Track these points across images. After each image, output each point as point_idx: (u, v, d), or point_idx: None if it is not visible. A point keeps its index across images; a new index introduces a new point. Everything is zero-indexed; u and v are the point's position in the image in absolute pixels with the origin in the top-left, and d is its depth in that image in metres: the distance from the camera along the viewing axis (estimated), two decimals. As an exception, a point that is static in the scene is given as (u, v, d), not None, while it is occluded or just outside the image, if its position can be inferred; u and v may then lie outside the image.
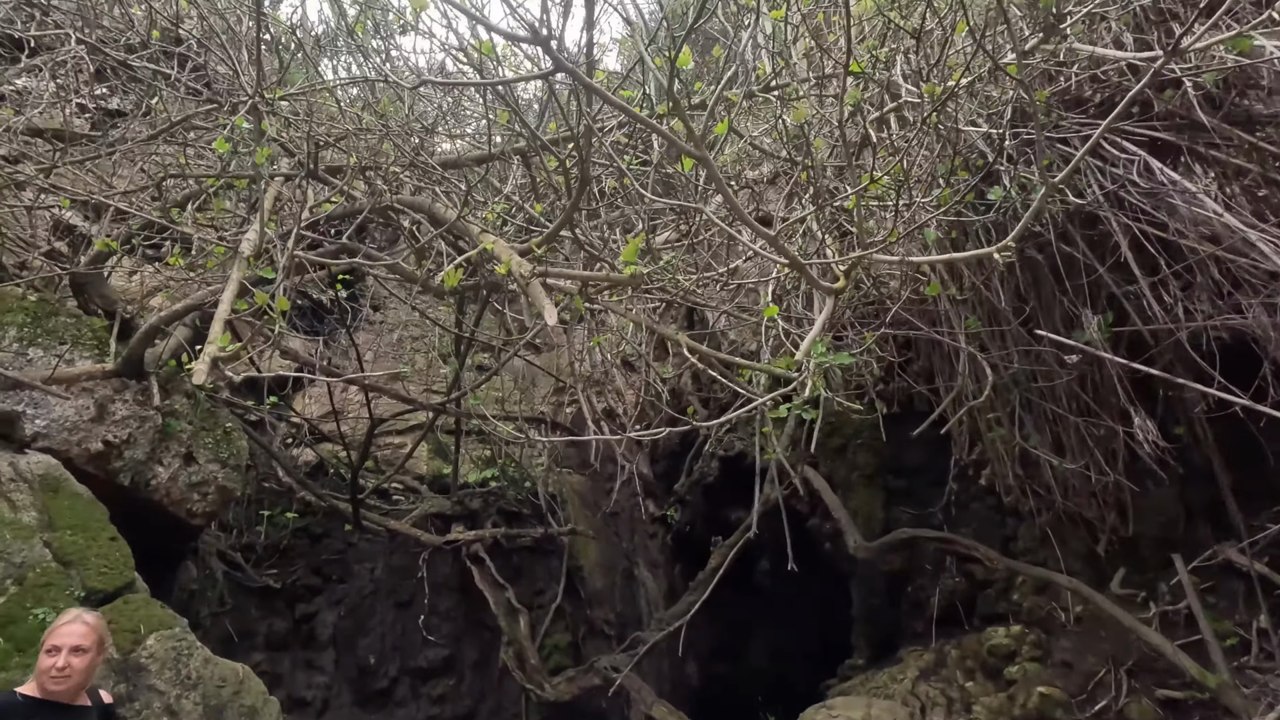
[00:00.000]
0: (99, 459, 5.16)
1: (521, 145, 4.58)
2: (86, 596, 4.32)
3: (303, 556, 7.81)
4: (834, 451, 6.00)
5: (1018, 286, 4.34)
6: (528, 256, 2.72)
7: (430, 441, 8.87)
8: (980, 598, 5.28)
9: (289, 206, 3.81)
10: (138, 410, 5.41)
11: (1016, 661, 4.70)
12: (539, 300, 2.42)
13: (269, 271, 2.87)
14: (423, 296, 9.56)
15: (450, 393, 6.01)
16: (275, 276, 2.88)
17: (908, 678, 4.93)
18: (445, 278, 2.75)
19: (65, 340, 5.06)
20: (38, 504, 4.55)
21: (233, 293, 2.85)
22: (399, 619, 7.88)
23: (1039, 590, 4.92)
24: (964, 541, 5.06)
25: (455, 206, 3.44)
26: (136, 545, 4.97)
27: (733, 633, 8.60)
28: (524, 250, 2.81)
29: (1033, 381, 4.54)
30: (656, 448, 9.47)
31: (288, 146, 3.36)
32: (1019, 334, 4.36)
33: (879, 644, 5.93)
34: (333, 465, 8.19)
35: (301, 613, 7.60)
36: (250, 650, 7.20)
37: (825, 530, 6.29)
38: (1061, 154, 3.60)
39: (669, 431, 2.91)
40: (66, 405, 4.96)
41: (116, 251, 4.59)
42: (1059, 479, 4.60)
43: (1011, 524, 5.24)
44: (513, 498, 8.46)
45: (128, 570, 4.68)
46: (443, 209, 3.64)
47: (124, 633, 4.34)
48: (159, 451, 5.63)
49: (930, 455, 5.84)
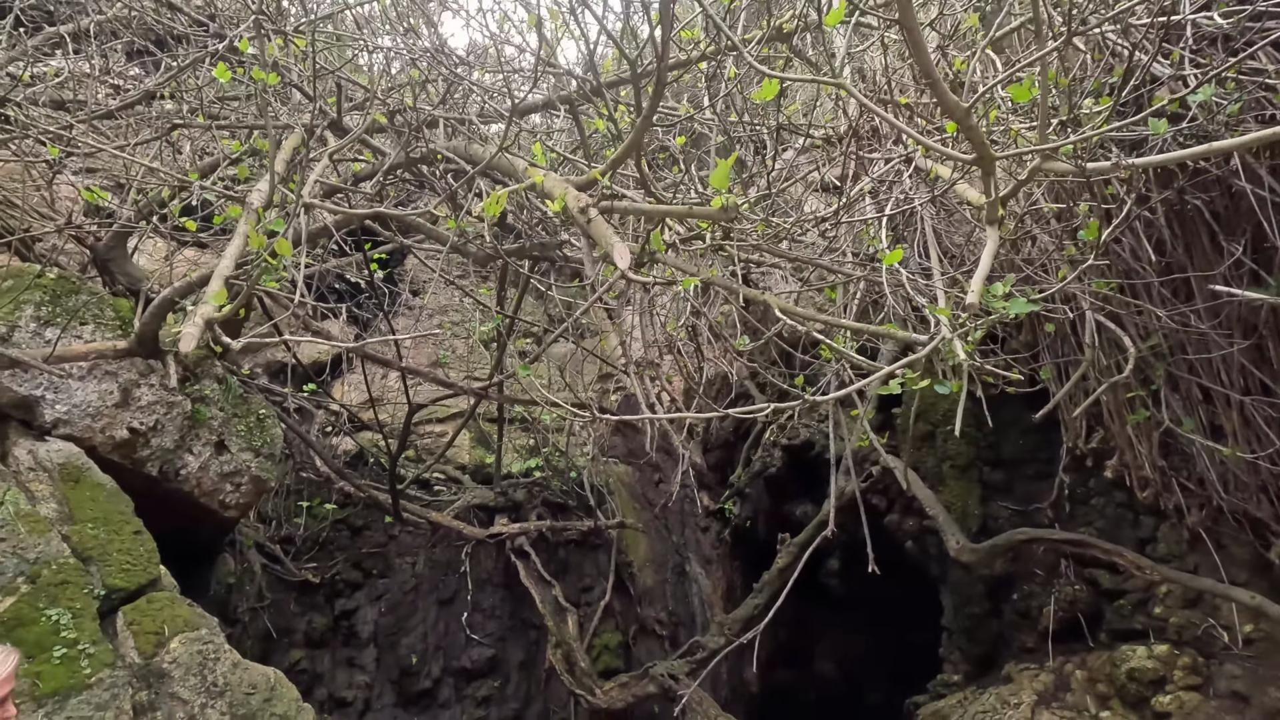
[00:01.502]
0: (124, 447, 4.84)
1: (568, 93, 4.04)
2: (107, 595, 3.99)
3: (343, 550, 7.52)
4: (919, 439, 5.33)
5: (1161, 241, 3.63)
6: (588, 190, 2.21)
7: (472, 430, 8.49)
8: (1109, 610, 4.55)
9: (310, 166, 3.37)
10: (165, 396, 5.09)
11: (1167, 690, 3.96)
12: (604, 237, 1.90)
13: (280, 223, 2.42)
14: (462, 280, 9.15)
15: (492, 376, 5.56)
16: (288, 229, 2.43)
17: (1024, 702, 4.24)
18: (485, 206, 2.25)
19: (86, 320, 4.75)
20: (57, 495, 4.23)
21: (238, 247, 2.41)
22: (441, 616, 7.53)
23: (1189, 604, 4.17)
24: (1101, 545, 4.35)
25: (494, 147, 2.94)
26: (167, 539, 4.66)
27: (796, 637, 8.01)
28: (582, 184, 2.29)
29: (1183, 354, 3.83)
30: (709, 437, 8.91)
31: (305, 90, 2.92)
32: (1160, 300, 3.65)
33: (977, 659, 5.25)
34: (373, 454, 7.87)
35: (341, 609, 7.30)
36: (289, 647, 6.93)
37: (907, 528, 5.64)
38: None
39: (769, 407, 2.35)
40: (89, 389, 4.65)
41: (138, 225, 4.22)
42: (1217, 470, 3.85)
43: (1148, 524, 4.49)
44: (558, 489, 8.03)
45: (152, 566, 4.34)
46: (480, 149, 3.14)
47: (146, 635, 4.00)
48: (188, 439, 5.31)
49: (1034, 444, 5.13)
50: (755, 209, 2.60)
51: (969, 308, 1.89)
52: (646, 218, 2.43)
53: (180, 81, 3.98)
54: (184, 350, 2.05)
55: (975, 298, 1.88)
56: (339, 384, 8.68)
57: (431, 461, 7.00)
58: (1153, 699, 3.95)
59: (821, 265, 3.21)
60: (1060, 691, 4.30)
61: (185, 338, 2.03)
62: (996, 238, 2.09)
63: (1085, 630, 4.59)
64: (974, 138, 1.89)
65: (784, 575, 5.64)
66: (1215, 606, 4.09)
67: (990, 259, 2.01)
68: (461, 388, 5.46)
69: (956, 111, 1.86)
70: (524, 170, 2.51)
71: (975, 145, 1.91)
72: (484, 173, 2.90)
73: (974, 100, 1.90)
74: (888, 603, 7.16)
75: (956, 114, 1.87)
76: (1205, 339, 3.65)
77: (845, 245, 3.56)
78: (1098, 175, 2.15)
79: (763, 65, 3.22)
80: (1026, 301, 2.07)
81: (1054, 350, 4.45)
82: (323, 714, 6.77)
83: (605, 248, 1.91)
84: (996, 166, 1.97)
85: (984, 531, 5.08)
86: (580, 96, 3.80)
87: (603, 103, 3.40)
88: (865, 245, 3.31)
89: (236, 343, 2.33)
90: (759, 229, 2.70)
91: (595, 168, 2.38)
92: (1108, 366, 3.91)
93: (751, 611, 5.89)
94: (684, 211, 2.34)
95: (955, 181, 2.56)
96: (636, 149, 2.22)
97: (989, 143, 1.95)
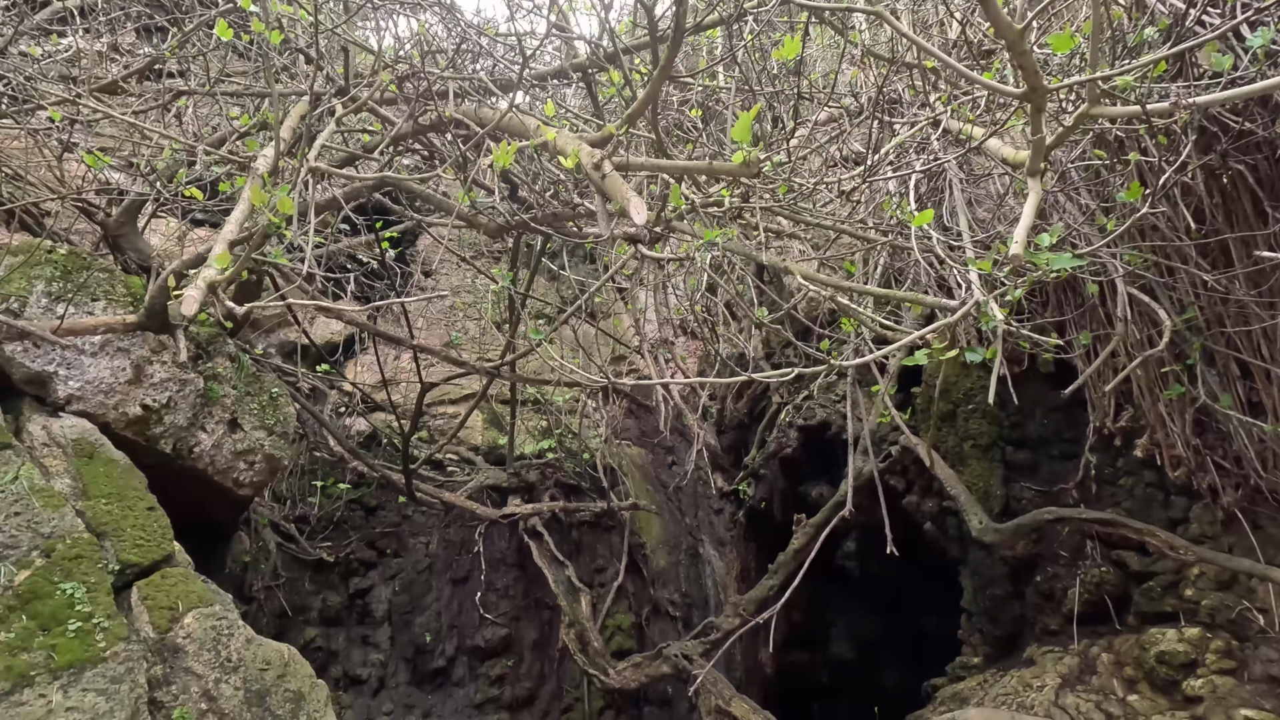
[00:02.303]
0: (137, 424, 4.84)
1: (581, 61, 3.92)
2: (121, 570, 3.99)
3: (357, 529, 7.54)
4: (940, 418, 5.21)
5: (1200, 209, 3.47)
6: (603, 146, 2.11)
7: (485, 411, 8.46)
8: (1138, 592, 4.42)
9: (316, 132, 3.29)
10: (177, 373, 5.08)
11: (1199, 673, 3.85)
12: (619, 192, 1.80)
13: (285, 189, 2.35)
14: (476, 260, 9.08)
15: (504, 356, 5.49)
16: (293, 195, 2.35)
17: (1048, 685, 4.15)
18: (496, 157, 2.16)
19: (98, 296, 4.72)
20: (71, 471, 4.23)
21: (242, 212, 2.34)
22: (455, 595, 7.55)
23: (1223, 586, 4.04)
24: (1133, 524, 4.22)
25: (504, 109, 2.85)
26: (181, 516, 4.65)
27: (812, 618, 7.95)
28: (597, 140, 2.19)
29: (1220, 327, 3.67)
30: (723, 418, 8.82)
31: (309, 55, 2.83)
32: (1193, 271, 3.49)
33: (998, 641, 5.15)
34: (386, 435, 7.86)
35: (356, 587, 7.34)
36: (304, 625, 6.97)
37: (926, 509, 5.53)
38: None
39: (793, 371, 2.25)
40: (101, 366, 4.64)
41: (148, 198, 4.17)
42: (1255, 448, 3.71)
43: (1180, 504, 4.35)
44: (571, 470, 7.99)
45: (166, 542, 4.33)
46: (490, 112, 3.04)
47: (161, 610, 4.00)
48: (201, 417, 5.30)
49: (1059, 423, 4.99)
50: (777, 170, 2.49)
51: (1012, 259, 1.76)
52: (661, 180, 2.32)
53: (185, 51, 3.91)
54: (185, 313, 1.99)
55: (1019, 248, 1.75)
56: (352, 364, 8.67)
57: (444, 441, 6.98)
58: (1183, 683, 3.84)
59: (845, 231, 3.09)
60: (1085, 674, 4.19)
61: (187, 300, 1.97)
62: (1039, 190, 1.95)
63: (1112, 612, 4.48)
64: (1026, 64, 1.72)
65: (800, 556, 5.56)
66: (1250, 589, 3.96)
67: (1033, 211, 1.87)
68: (474, 366, 5.40)
69: (1009, 33, 1.69)
70: (536, 129, 2.42)
71: (1027, 74, 1.74)
72: (494, 134, 2.81)
73: (1030, 18, 1.75)
74: (905, 585, 7.08)
75: (1009, 35, 1.70)
76: (1244, 311, 3.50)
77: (867, 215, 3.43)
78: (1158, 117, 2.01)
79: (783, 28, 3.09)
80: (1071, 257, 1.94)
81: (1081, 324, 4.30)
82: (337, 691, 6.82)
83: (620, 203, 1.81)
84: (1047, 102, 1.83)
85: (1007, 513, 4.96)
86: (594, 63, 3.68)
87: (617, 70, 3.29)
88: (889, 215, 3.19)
89: (241, 308, 2.26)
90: (781, 191, 2.59)
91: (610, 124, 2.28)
92: (1139, 341, 3.77)
93: (766, 593, 5.83)
94: (704, 167, 2.23)
95: (988, 138, 2.42)
96: (653, 101, 2.11)
97: (1041, 73, 1.80)
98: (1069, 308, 4.50)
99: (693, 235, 2.57)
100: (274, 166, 2.50)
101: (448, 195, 3.89)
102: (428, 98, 2.97)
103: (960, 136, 2.78)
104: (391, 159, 3.83)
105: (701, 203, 2.46)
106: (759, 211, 2.62)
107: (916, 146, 3.18)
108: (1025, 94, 1.82)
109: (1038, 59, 2.59)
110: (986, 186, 4.61)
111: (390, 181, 3.44)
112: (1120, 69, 1.79)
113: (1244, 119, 2.96)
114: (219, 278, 2.06)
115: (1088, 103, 1.89)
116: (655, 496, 8.64)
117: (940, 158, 2.93)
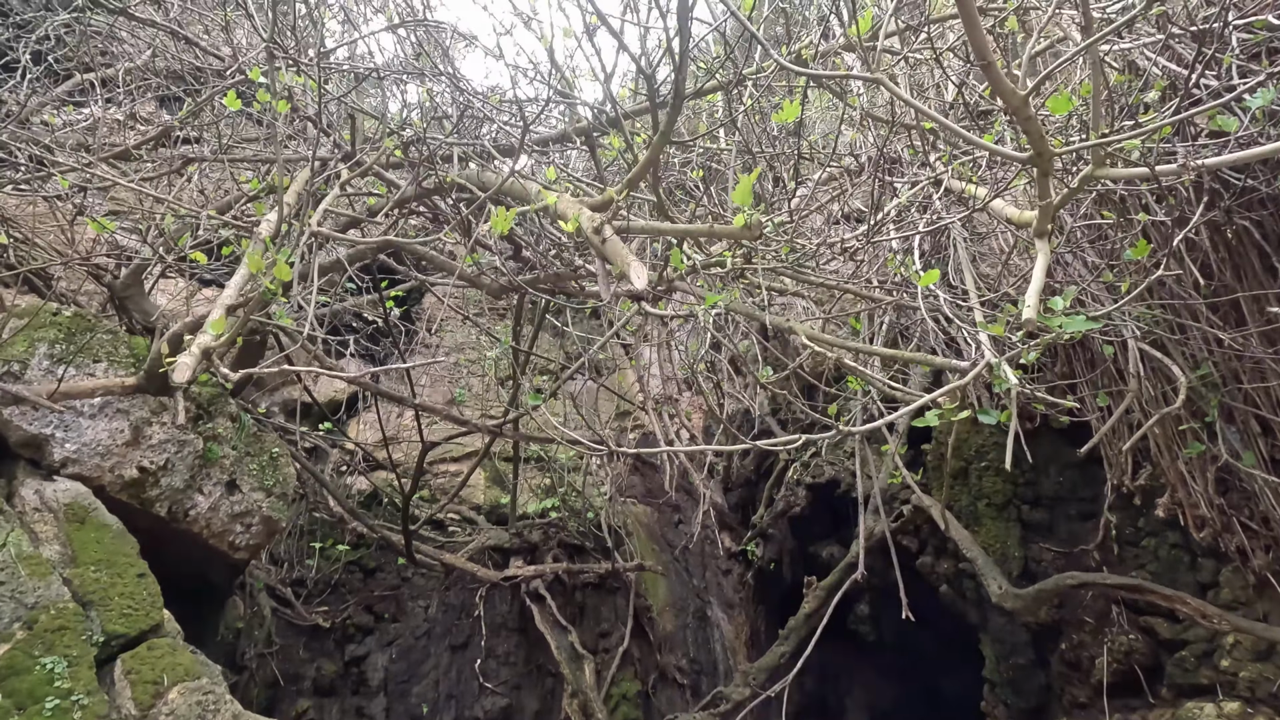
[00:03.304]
0: (133, 486, 4.76)
1: (583, 125, 3.99)
2: (106, 641, 3.84)
3: (355, 592, 7.33)
4: (952, 475, 5.08)
5: (1207, 265, 3.44)
6: (604, 210, 2.10)
7: (487, 469, 8.34)
8: (1170, 663, 4.18)
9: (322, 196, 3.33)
10: (176, 434, 5.03)
11: (1242, 753, 3.61)
12: (620, 256, 1.78)
13: (286, 252, 2.34)
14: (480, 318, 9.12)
15: (507, 414, 5.43)
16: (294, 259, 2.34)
17: (1081, 765, 3.90)
18: (494, 223, 2.14)
19: (100, 358, 4.72)
20: (61, 536, 4.13)
21: (242, 277, 2.33)
22: (454, 663, 7.27)
23: (1261, 656, 3.81)
24: (1161, 590, 4.02)
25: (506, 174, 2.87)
26: (175, 581, 4.53)
27: (825, 685, 7.60)
28: (597, 205, 2.18)
29: (1237, 383, 3.59)
30: (730, 476, 8.65)
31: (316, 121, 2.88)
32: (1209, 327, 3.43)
33: (1024, 714, 4.88)
34: (387, 494, 7.73)
35: (352, 654, 7.08)
36: (297, 695, 6.70)
37: (941, 571, 5.32)
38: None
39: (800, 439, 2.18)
40: (99, 428, 4.59)
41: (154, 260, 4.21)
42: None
43: (1208, 567, 4.16)
44: (575, 529, 7.80)
45: (155, 611, 4.19)
46: (493, 176, 3.07)
47: (144, 684, 3.83)
48: (199, 479, 5.22)
49: (1074, 480, 4.84)
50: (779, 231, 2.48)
51: (1026, 323, 1.71)
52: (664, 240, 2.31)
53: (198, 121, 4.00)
54: (177, 380, 1.95)
55: (1032, 312, 1.70)
56: (354, 423, 8.61)
57: (445, 501, 6.84)
58: (1224, 763, 3.59)
59: (850, 290, 3.06)
60: (1120, 753, 3.94)
61: (180, 368, 1.93)
62: (1048, 251, 1.92)
63: (1144, 684, 4.23)
64: (1031, 129, 1.72)
65: (811, 621, 5.34)
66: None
67: (1043, 273, 1.83)
68: (476, 425, 5.33)
69: (1013, 99, 1.69)
70: (537, 193, 2.43)
71: (1032, 139, 1.73)
72: (496, 198, 2.82)
73: (1034, 85, 1.75)
74: (921, 649, 6.78)
75: (1013, 101, 1.70)
76: (1260, 367, 3.43)
77: (871, 274, 3.41)
78: (1167, 178, 1.98)
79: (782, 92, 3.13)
80: (1085, 320, 1.89)
81: (1092, 381, 4.22)
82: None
83: (621, 267, 1.78)
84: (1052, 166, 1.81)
85: (1025, 575, 4.77)
86: (596, 127, 3.74)
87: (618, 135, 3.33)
88: (892, 273, 3.16)
89: (236, 374, 2.23)
90: (783, 251, 2.58)
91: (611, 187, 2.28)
92: (1154, 398, 3.68)
93: (777, 660, 5.58)
94: (705, 230, 2.21)
95: (992, 199, 2.41)
96: (654, 165, 2.11)
97: (1046, 137, 1.79)
98: (1079, 364, 4.43)
99: (696, 295, 2.55)
100: (277, 231, 2.51)
101: (453, 256, 3.91)
102: (431, 162, 3.01)
103: (963, 195, 2.78)
104: (396, 220, 3.86)
105: (703, 263, 2.44)
106: (761, 271, 2.60)
107: (919, 205, 3.19)
108: (1031, 159, 1.81)
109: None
110: (989, 243, 4.62)
111: (393, 244, 3.46)
112: (1127, 134, 1.78)
113: (1246, 175, 2.96)
114: (214, 344, 2.03)
115: (1092, 165, 1.87)
116: (661, 556, 8.41)
117: (943, 216, 2.92)
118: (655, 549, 8.44)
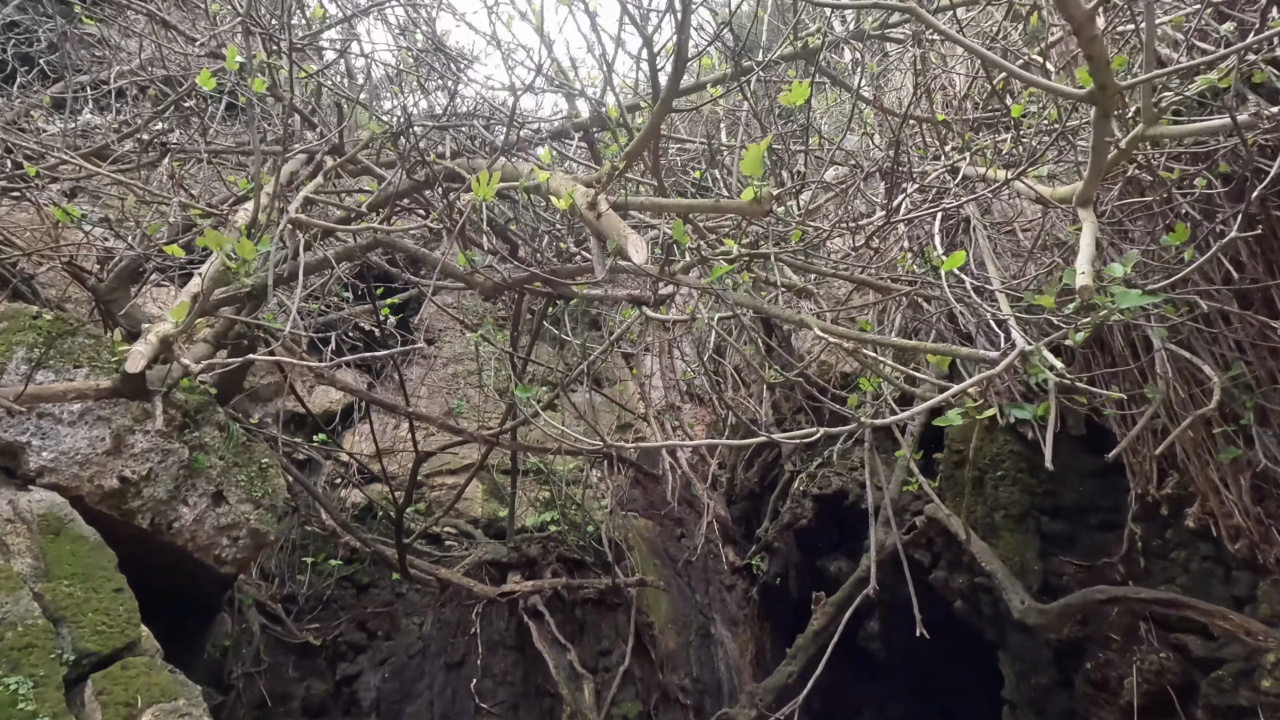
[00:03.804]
0: (114, 497, 4.57)
1: (583, 120, 3.85)
2: (77, 660, 3.64)
3: (347, 609, 7.10)
4: (965, 486, 4.88)
5: (1237, 259, 3.28)
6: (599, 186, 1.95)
7: (485, 481, 8.14)
8: (1205, 682, 3.95)
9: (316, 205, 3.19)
10: (160, 443, 4.85)
11: (1286, 780, 3.40)
12: (616, 230, 1.62)
13: (266, 242, 2.19)
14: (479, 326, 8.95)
15: (503, 423, 5.26)
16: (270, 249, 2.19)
17: (1113, 792, 3.67)
18: (476, 190, 1.98)
19: (81, 363, 4.55)
20: (34, 549, 3.94)
21: (215, 268, 2.18)
22: (449, 682, 7.02)
23: (1304, 675, 3.61)
24: (1198, 605, 3.81)
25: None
26: (158, 597, 4.33)
27: (834, 705, 7.34)
28: (592, 180, 2.03)
29: (1272, 384, 3.41)
30: (734, 488, 8.44)
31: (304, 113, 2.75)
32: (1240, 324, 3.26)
33: (1046, 736, 4.66)
34: (381, 507, 7.53)
35: (343, 673, 6.84)
36: (285, 716, 6.46)
37: (956, 585, 5.11)
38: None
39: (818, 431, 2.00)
40: (78, 435, 4.42)
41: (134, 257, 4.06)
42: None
43: (1244, 580, 3.95)
44: (574, 544, 7.59)
45: (131, 628, 3.99)
46: (482, 161, 2.93)
47: (116, 706, 3.62)
48: (184, 490, 5.03)
49: (1095, 489, 4.64)
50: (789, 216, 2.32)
51: (1082, 290, 1.53)
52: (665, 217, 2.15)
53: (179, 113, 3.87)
54: (131, 369, 1.79)
55: (1087, 279, 1.51)
56: (349, 434, 8.43)
57: (440, 513, 6.65)
58: (1268, 791, 3.37)
59: (864, 281, 2.90)
60: (1154, 780, 3.70)
61: (133, 355, 1.78)
62: (1094, 220, 1.74)
63: (1177, 706, 4.00)
64: (1095, 52, 1.47)
65: (820, 639, 5.12)
66: (1337, 680, 3.53)
67: (1092, 241, 1.65)
68: (472, 435, 5.16)
69: (1077, 16, 1.48)
70: (530, 172, 2.28)
71: (1095, 65, 1.49)
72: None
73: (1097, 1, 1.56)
74: (935, 668, 6.53)
75: (1077, 18, 1.49)
76: (1297, 367, 3.26)
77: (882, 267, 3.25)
78: (1248, 128, 1.81)
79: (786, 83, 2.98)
80: (1140, 294, 1.70)
81: (1111, 382, 4.04)
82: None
83: (618, 240, 1.63)
84: (1116, 105, 1.60)
85: (1046, 590, 4.55)
86: (595, 121, 3.60)
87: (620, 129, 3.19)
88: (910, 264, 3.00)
89: (198, 364, 2.06)
90: (794, 237, 2.42)
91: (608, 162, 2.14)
92: (1183, 400, 3.51)
93: (785, 680, 5.35)
94: (710, 205, 2.05)
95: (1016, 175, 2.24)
96: (654, 138, 1.96)
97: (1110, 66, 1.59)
98: (1096, 365, 4.25)
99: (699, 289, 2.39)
100: (254, 219, 2.36)
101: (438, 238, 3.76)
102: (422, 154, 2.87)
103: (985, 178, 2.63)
104: (388, 219, 3.71)
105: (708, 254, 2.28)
106: (771, 260, 2.44)
107: (935, 194, 3.04)
108: (1091, 94, 1.56)
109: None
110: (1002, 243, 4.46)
111: (380, 241, 3.31)
112: (1206, 58, 1.60)
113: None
114: (173, 331, 1.87)
115: (1144, 123, 1.69)
116: (663, 571, 8.18)
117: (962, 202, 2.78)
118: (657, 564, 8.22)
